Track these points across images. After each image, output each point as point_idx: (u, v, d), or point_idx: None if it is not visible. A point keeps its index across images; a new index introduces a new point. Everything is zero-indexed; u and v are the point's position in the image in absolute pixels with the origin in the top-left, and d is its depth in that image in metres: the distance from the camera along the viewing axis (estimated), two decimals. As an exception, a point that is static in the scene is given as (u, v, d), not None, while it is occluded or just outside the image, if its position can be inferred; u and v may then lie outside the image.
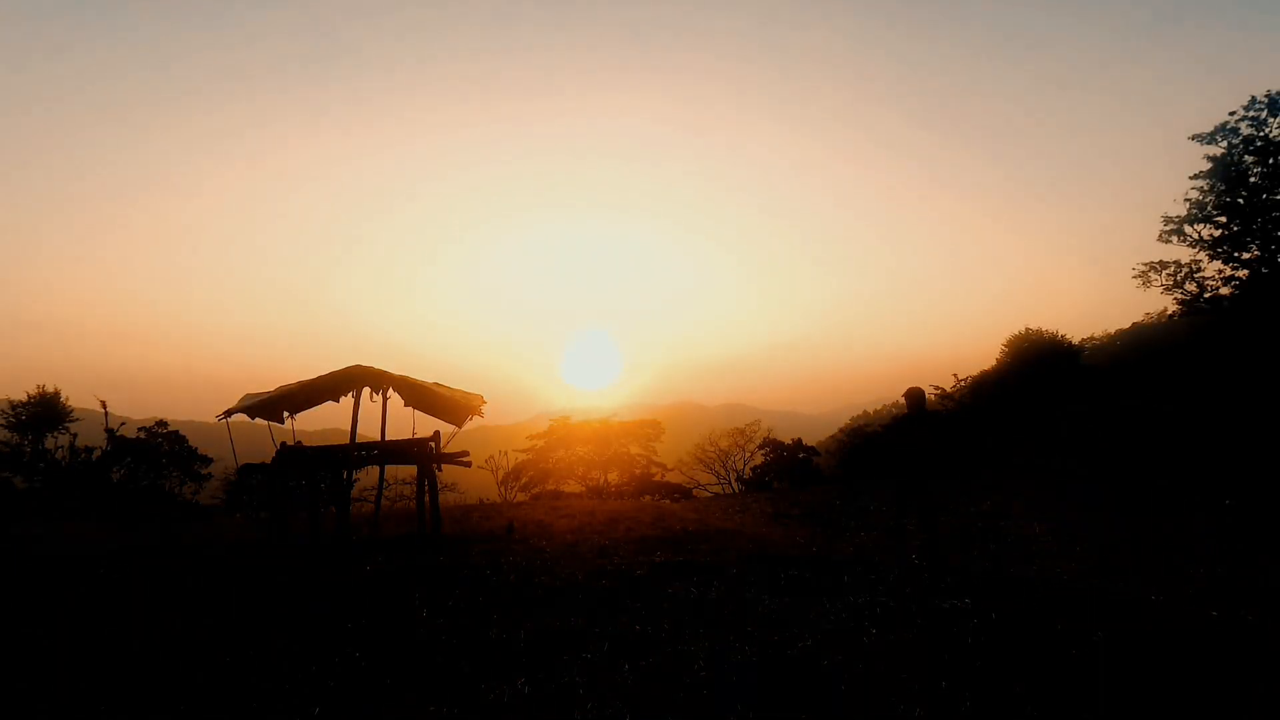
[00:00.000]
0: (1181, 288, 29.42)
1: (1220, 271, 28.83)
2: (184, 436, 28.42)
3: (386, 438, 12.73)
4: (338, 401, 12.53)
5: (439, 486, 13.80)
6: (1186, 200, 28.85)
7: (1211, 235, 28.50)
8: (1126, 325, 49.67)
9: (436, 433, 12.56)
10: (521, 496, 27.91)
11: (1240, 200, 27.46)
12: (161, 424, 28.90)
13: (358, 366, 12.04)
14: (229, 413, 11.97)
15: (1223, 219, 28.11)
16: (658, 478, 29.22)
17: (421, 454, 12.22)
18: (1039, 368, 27.00)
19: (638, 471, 29.29)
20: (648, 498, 26.64)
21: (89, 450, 26.99)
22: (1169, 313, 31.27)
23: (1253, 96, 26.95)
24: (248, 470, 13.13)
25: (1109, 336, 50.59)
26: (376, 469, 13.26)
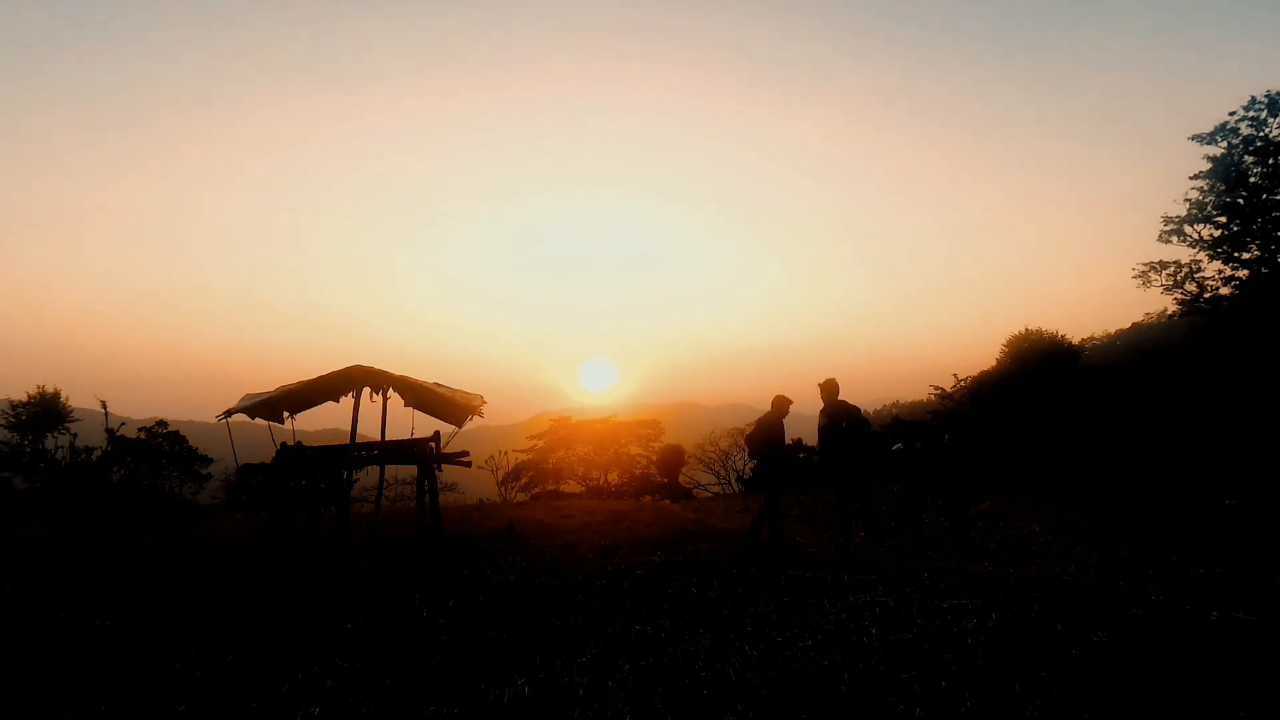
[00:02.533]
0: (1181, 288, 29.45)
1: (1220, 271, 28.87)
2: (184, 436, 28.47)
3: (386, 438, 12.75)
4: (338, 402, 12.55)
5: (439, 486, 13.81)
6: (1186, 200, 28.89)
7: (1211, 235, 28.53)
8: (1126, 325, 49.77)
9: (436, 433, 12.59)
10: (521, 496, 27.93)
11: (1240, 200, 27.49)
12: (161, 424, 28.94)
13: (358, 367, 12.06)
14: (229, 413, 11.98)
15: (1223, 219, 28.14)
16: (658, 478, 29.23)
17: (421, 454, 12.24)
18: (1039, 368, 26.99)
19: (638, 471, 29.30)
20: (648, 498, 26.65)
21: (89, 450, 27.02)
22: (1169, 313, 31.31)
23: (1253, 96, 27.00)
24: (248, 470, 13.15)
25: (1109, 336, 50.72)
26: (376, 469, 13.28)
